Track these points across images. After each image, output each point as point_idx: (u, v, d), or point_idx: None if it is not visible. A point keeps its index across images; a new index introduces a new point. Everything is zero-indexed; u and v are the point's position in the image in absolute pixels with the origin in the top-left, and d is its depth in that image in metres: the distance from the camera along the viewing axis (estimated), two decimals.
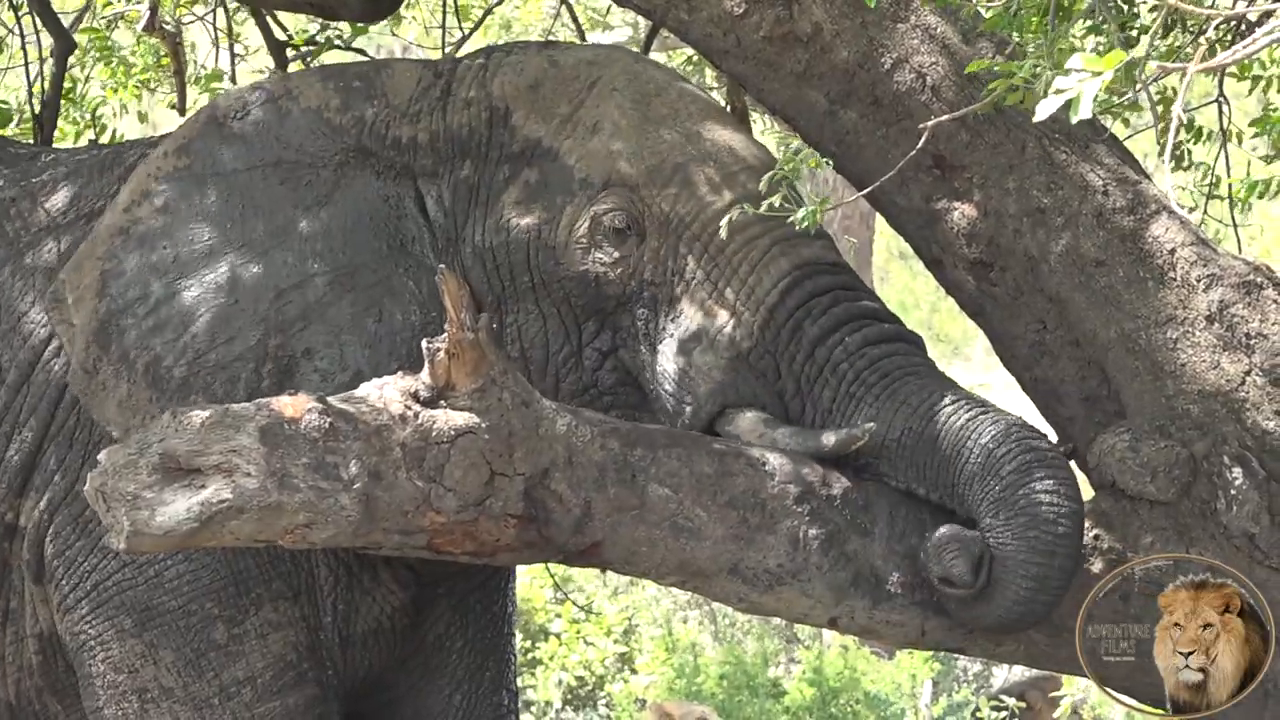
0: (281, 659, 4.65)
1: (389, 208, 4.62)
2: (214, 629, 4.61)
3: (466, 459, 4.05)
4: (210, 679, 4.62)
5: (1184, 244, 4.33)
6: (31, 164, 5.07)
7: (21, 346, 4.74)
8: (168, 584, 4.62)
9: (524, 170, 4.59)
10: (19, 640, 4.79)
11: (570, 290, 4.54)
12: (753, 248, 4.42)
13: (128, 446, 3.91)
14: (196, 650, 4.62)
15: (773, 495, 4.24)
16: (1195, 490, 4.19)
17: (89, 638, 4.67)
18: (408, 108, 4.66)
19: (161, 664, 4.62)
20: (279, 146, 4.64)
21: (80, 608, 4.66)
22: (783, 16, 4.45)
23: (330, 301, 4.54)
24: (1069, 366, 4.44)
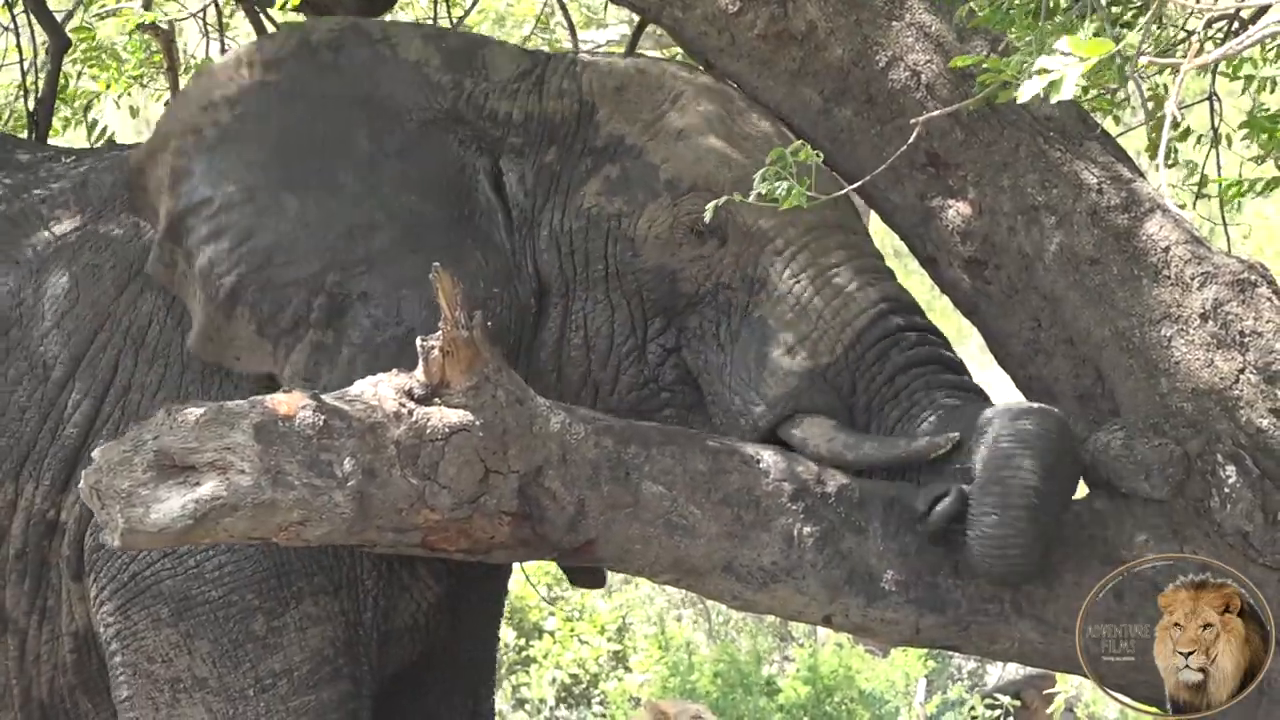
0: (319, 653, 4.65)
1: (463, 177, 4.65)
2: (253, 620, 4.60)
3: (461, 456, 4.05)
4: (246, 670, 4.61)
5: (1178, 242, 4.33)
6: (65, 161, 5.07)
7: (67, 342, 4.73)
8: (209, 575, 4.61)
9: (606, 165, 4.64)
10: (54, 638, 4.78)
11: (644, 283, 4.59)
12: (838, 272, 4.50)
13: (122, 444, 3.91)
14: (234, 641, 4.61)
15: (767, 493, 4.24)
16: (1189, 488, 4.19)
17: (122, 628, 4.66)
18: (507, 85, 4.70)
19: (197, 654, 4.62)
20: (371, 86, 4.66)
21: (117, 598, 4.66)
22: (777, 15, 4.45)
23: (397, 254, 4.54)
24: (1063, 364, 4.44)
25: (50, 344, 4.74)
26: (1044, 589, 4.24)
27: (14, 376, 4.71)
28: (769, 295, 4.51)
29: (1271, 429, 4.24)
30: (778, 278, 4.51)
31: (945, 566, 4.24)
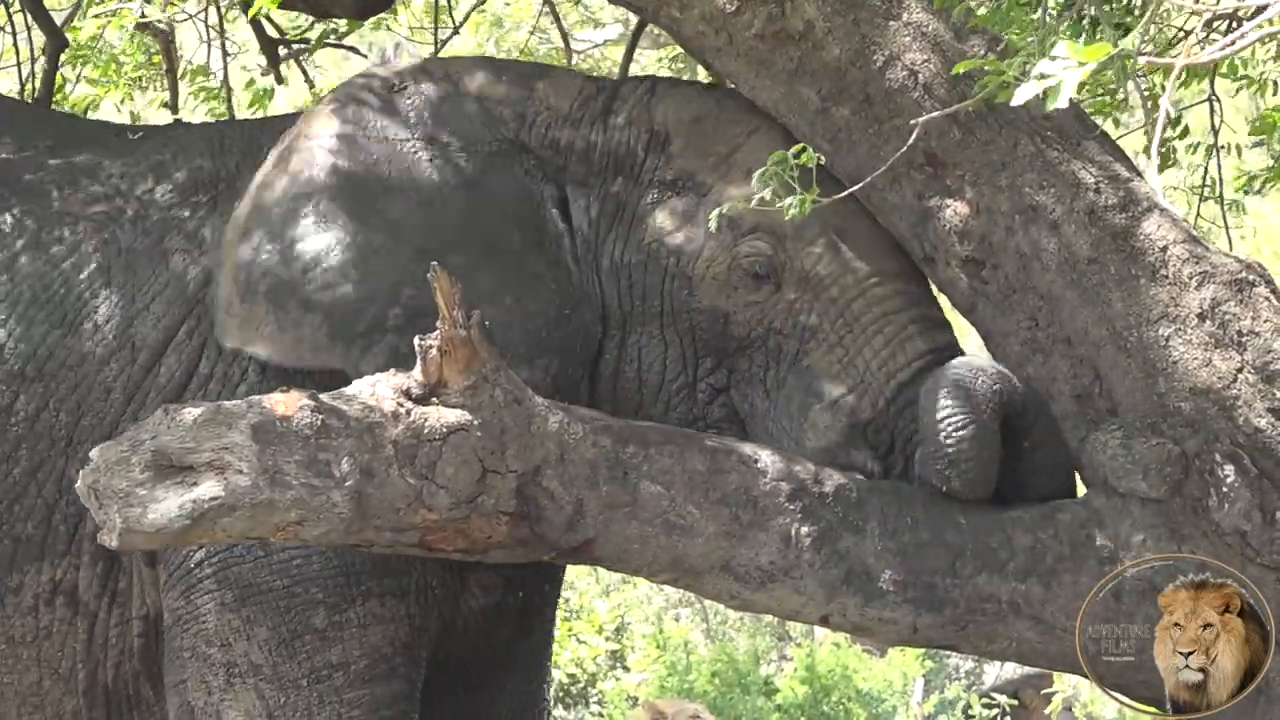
0: (377, 650, 4.66)
1: (531, 205, 4.69)
2: (315, 614, 4.62)
3: (459, 456, 4.05)
4: (302, 661, 4.62)
5: (1176, 241, 4.33)
6: (138, 143, 5.09)
7: (154, 327, 4.75)
8: (276, 564, 4.63)
9: (672, 198, 4.69)
10: (124, 623, 4.80)
11: (697, 323, 4.64)
12: (889, 322, 4.54)
13: (120, 443, 3.90)
14: (293, 631, 4.63)
15: (765, 493, 4.24)
16: (1187, 488, 4.19)
17: (184, 611, 4.68)
18: (569, 114, 4.75)
19: (255, 640, 4.63)
20: (436, 124, 4.71)
21: (182, 583, 4.68)
22: (775, 14, 4.45)
23: (471, 271, 4.52)
24: (1061, 364, 4.44)
25: (140, 326, 4.76)
26: (1042, 589, 4.25)
27: (102, 356, 4.74)
28: (819, 344, 4.58)
29: (1269, 428, 4.25)
30: (830, 326, 4.58)
31: (943, 566, 4.24)
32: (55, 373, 4.73)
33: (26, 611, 4.75)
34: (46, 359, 4.74)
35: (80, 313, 4.78)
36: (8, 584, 4.73)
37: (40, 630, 4.76)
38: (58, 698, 4.82)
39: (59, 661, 4.79)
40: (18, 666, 4.78)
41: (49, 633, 4.77)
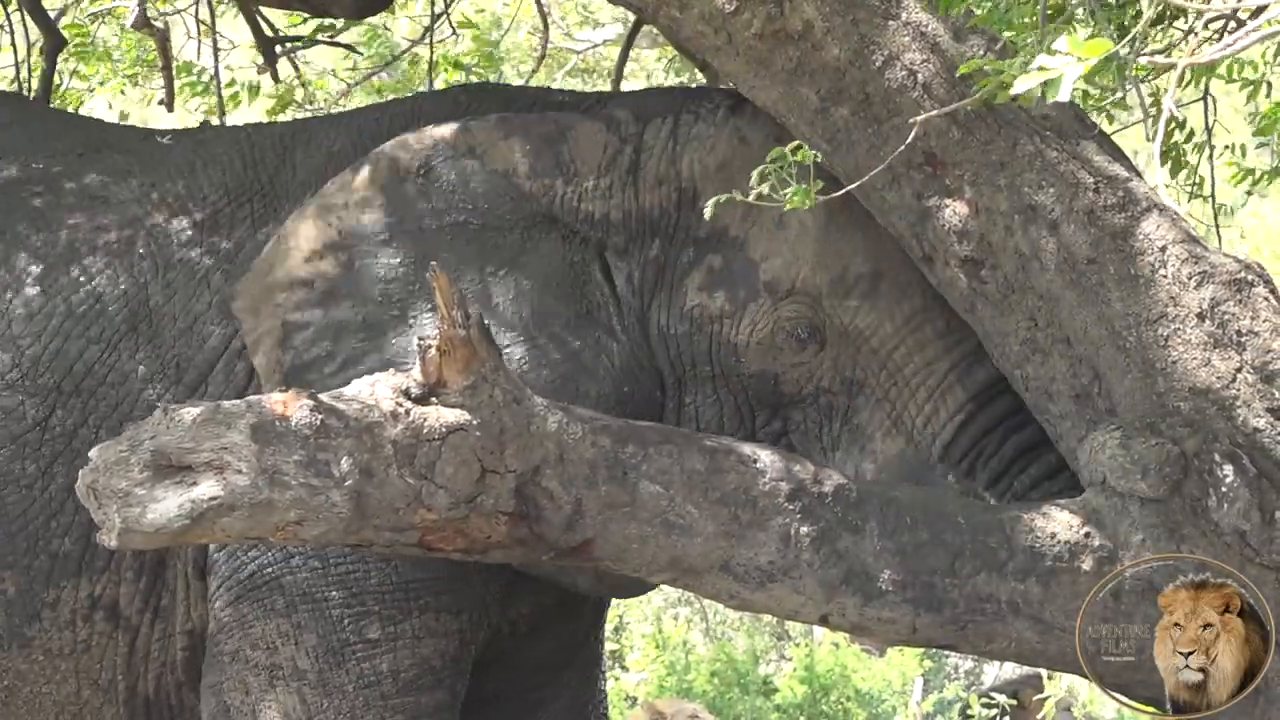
0: (426, 661, 4.69)
1: (574, 273, 4.69)
2: (368, 626, 4.64)
3: (458, 456, 4.05)
4: (350, 668, 4.63)
5: (1175, 241, 4.33)
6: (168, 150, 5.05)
7: (200, 347, 4.75)
8: (334, 575, 4.64)
9: (708, 255, 4.72)
10: (166, 636, 4.80)
11: (748, 384, 4.69)
12: (931, 372, 4.61)
13: (119, 444, 3.90)
14: (343, 641, 4.64)
15: (764, 492, 4.24)
16: (1186, 487, 4.19)
17: (230, 618, 4.69)
18: (597, 181, 4.72)
19: (303, 646, 4.64)
20: (465, 207, 4.67)
21: (231, 592, 4.69)
22: (774, 14, 4.45)
23: (528, 371, 4.58)
24: (1060, 364, 4.44)
25: (184, 346, 4.74)
26: (1041, 588, 4.24)
27: (145, 374, 4.72)
28: (867, 399, 4.65)
29: (1268, 428, 4.25)
30: (875, 380, 4.65)
31: (942, 566, 4.24)
32: (95, 389, 4.73)
33: (64, 625, 4.76)
34: (85, 375, 4.73)
35: (120, 329, 4.76)
36: (44, 599, 4.74)
37: (79, 643, 4.78)
38: (97, 706, 4.83)
39: (98, 673, 4.80)
40: (55, 677, 4.79)
41: (88, 646, 4.78)
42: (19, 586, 4.72)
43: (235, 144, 5.01)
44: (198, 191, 4.90)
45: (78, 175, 4.95)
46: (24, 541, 4.71)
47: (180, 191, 4.90)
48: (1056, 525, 4.27)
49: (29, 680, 4.79)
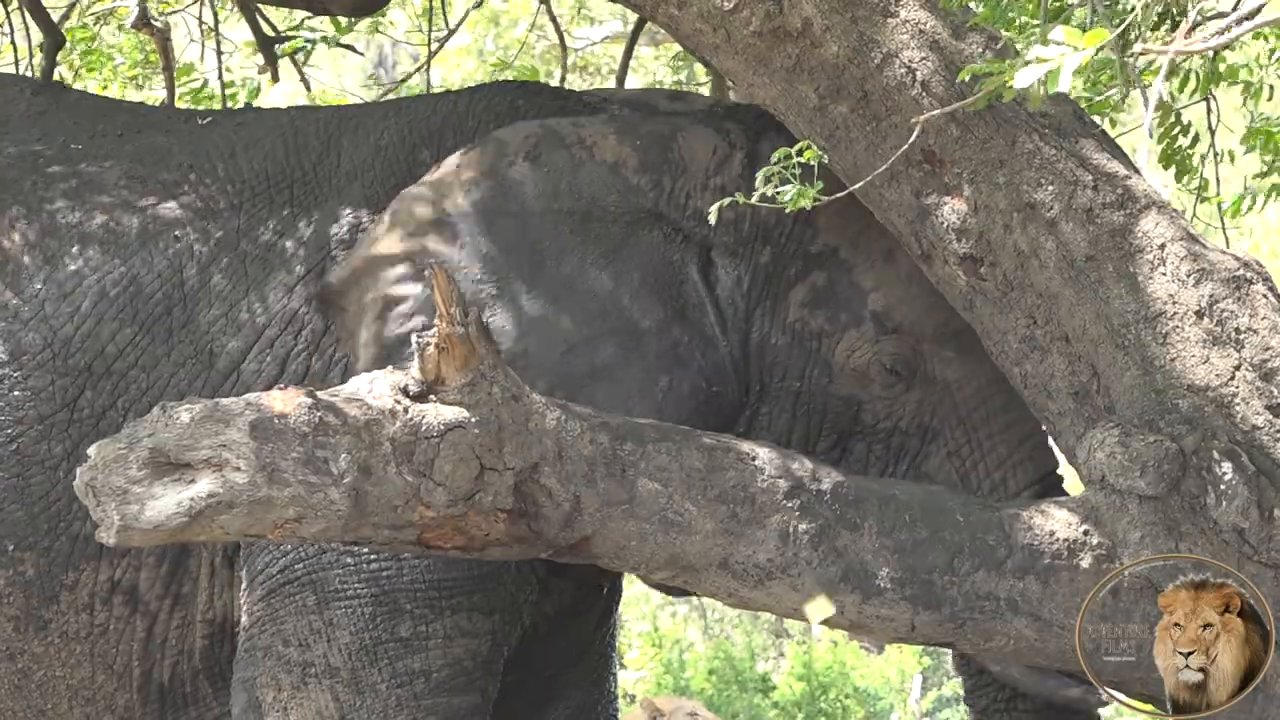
0: (459, 662, 4.69)
1: (673, 270, 4.69)
2: (400, 623, 4.64)
3: (456, 453, 4.05)
4: (383, 666, 4.63)
5: (1173, 239, 4.34)
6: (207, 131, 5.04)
7: (235, 335, 4.74)
8: (365, 572, 4.64)
9: (814, 272, 4.74)
10: (186, 625, 4.79)
11: (831, 405, 4.72)
12: (1004, 441, 4.69)
13: (118, 441, 3.90)
14: (376, 639, 4.63)
15: (762, 490, 4.24)
16: (1185, 485, 4.19)
17: (263, 613, 4.69)
18: (708, 179, 4.73)
19: (335, 643, 4.64)
20: (571, 195, 4.68)
21: (263, 587, 4.69)
22: (773, 12, 4.45)
23: (619, 364, 4.61)
24: (1059, 361, 4.44)
25: (218, 332, 4.74)
26: (1039, 586, 4.25)
27: (177, 359, 4.72)
28: (939, 449, 4.71)
29: (1267, 425, 4.25)
30: (950, 433, 4.71)
31: (941, 564, 4.25)
32: (125, 372, 4.72)
33: (82, 609, 4.74)
34: (116, 357, 4.73)
35: (154, 313, 4.75)
36: (64, 581, 4.72)
37: (95, 627, 4.76)
38: (110, 692, 4.82)
39: (114, 658, 4.79)
40: (70, 661, 4.77)
41: (104, 630, 4.76)
42: (39, 568, 4.70)
43: (278, 128, 4.99)
44: (236, 175, 4.88)
45: (116, 156, 4.92)
46: (45, 523, 4.70)
47: (219, 174, 4.88)
48: (1055, 523, 4.27)
49: (43, 663, 4.77)
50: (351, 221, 4.81)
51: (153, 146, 4.95)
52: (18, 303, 4.75)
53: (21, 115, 5.07)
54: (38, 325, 4.73)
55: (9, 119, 5.06)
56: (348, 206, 4.84)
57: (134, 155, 4.92)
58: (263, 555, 4.69)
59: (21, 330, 4.73)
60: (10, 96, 5.13)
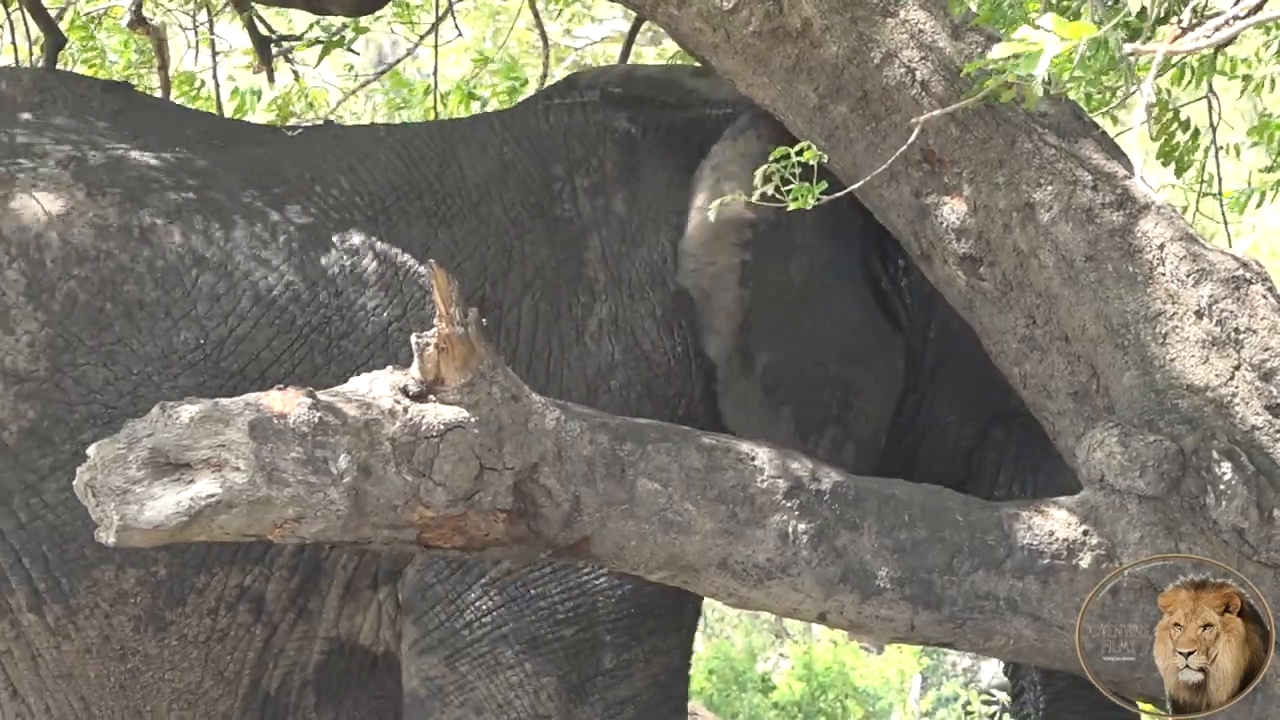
0: (658, 679, 4.75)
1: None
2: (603, 656, 4.68)
3: (456, 453, 4.05)
4: (594, 702, 4.67)
5: (1173, 239, 4.34)
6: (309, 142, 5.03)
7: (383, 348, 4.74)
8: (561, 615, 4.68)
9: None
10: (306, 639, 4.77)
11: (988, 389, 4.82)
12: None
13: (117, 441, 3.90)
14: (583, 676, 4.67)
15: (762, 490, 4.24)
16: (1184, 485, 4.19)
17: (448, 682, 4.70)
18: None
19: (542, 692, 4.67)
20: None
21: (443, 649, 4.71)
22: (772, 11, 4.45)
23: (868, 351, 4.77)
24: (1058, 361, 4.44)
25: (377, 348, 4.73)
26: (1039, 586, 4.25)
27: (338, 371, 4.69)
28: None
29: (1266, 425, 4.25)
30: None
31: (940, 564, 4.24)
32: (281, 379, 4.63)
33: (206, 613, 4.70)
34: (271, 363, 4.70)
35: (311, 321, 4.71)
36: (194, 583, 4.68)
37: (215, 632, 4.72)
38: (214, 698, 4.78)
39: (226, 664, 4.75)
40: (183, 664, 4.73)
41: (223, 635, 4.73)
42: (171, 570, 4.65)
43: (380, 141, 4.98)
44: (362, 187, 4.86)
45: (226, 164, 4.87)
46: None
47: (345, 186, 4.86)
48: (1055, 523, 4.27)
49: (155, 665, 4.71)
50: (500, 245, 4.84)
51: (255, 157, 4.91)
52: (167, 301, 4.69)
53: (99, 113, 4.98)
54: (189, 325, 4.69)
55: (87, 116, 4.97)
56: (491, 225, 4.86)
57: (243, 164, 4.88)
58: (435, 613, 4.71)
59: (172, 329, 4.69)
60: (82, 92, 5.06)
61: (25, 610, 4.63)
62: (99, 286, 4.65)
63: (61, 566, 4.63)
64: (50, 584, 4.62)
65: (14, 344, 4.59)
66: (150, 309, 4.66)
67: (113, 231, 4.68)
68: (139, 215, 4.71)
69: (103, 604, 4.65)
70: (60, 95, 4.97)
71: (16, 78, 5.04)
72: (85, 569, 4.64)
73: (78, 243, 4.65)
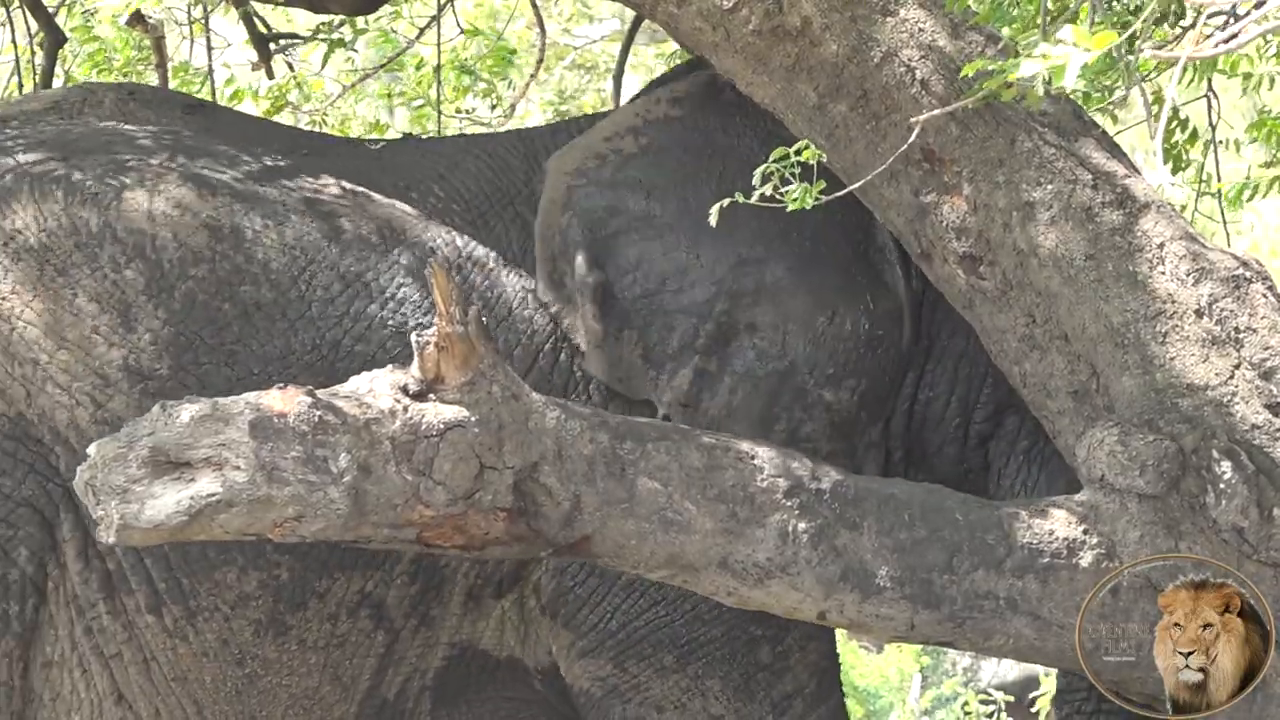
0: (818, 666, 4.77)
1: (863, 213, 4.66)
2: (760, 650, 4.69)
3: (456, 452, 4.05)
4: (761, 699, 4.69)
5: (1172, 238, 4.34)
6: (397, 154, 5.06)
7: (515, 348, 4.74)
8: (707, 615, 4.68)
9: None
10: (428, 645, 4.76)
11: (993, 372, 4.72)
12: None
13: (117, 440, 3.90)
14: (744, 674, 4.68)
15: (762, 489, 4.24)
16: (1184, 484, 4.19)
17: (620, 682, 4.72)
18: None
19: (709, 694, 4.69)
20: (774, 124, 4.67)
21: (607, 651, 4.72)
22: (772, 10, 4.45)
23: (787, 287, 4.65)
24: (1058, 360, 4.44)
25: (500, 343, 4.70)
26: (1039, 585, 4.25)
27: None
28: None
29: (1266, 425, 4.25)
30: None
31: (940, 563, 4.24)
32: None
33: (327, 618, 4.68)
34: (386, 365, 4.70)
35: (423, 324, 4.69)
36: (316, 588, 4.66)
37: (335, 637, 4.70)
38: (331, 704, 4.76)
39: (345, 669, 4.73)
40: (301, 669, 4.70)
41: (344, 641, 4.71)
42: (293, 573, 4.63)
43: (468, 152, 5.01)
44: (456, 195, 4.88)
45: (324, 173, 4.88)
46: None
47: (440, 194, 4.88)
48: (1054, 522, 4.27)
49: (273, 669, 4.69)
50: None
51: (344, 169, 4.92)
52: (283, 302, 4.68)
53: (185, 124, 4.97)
54: (306, 326, 4.68)
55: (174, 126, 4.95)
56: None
57: (337, 173, 4.88)
58: (588, 615, 4.73)
59: (289, 330, 4.68)
60: (164, 106, 5.03)
61: (144, 611, 4.59)
62: (216, 287, 4.64)
63: (184, 567, 4.60)
64: (171, 584, 4.59)
65: (136, 341, 4.57)
66: (267, 310, 4.65)
67: (226, 233, 4.67)
68: (249, 218, 4.70)
69: (223, 606, 4.63)
70: (143, 109, 4.99)
71: (96, 95, 5.03)
72: (208, 570, 4.60)
73: (193, 244, 4.64)
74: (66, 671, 4.61)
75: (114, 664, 4.61)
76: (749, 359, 4.67)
